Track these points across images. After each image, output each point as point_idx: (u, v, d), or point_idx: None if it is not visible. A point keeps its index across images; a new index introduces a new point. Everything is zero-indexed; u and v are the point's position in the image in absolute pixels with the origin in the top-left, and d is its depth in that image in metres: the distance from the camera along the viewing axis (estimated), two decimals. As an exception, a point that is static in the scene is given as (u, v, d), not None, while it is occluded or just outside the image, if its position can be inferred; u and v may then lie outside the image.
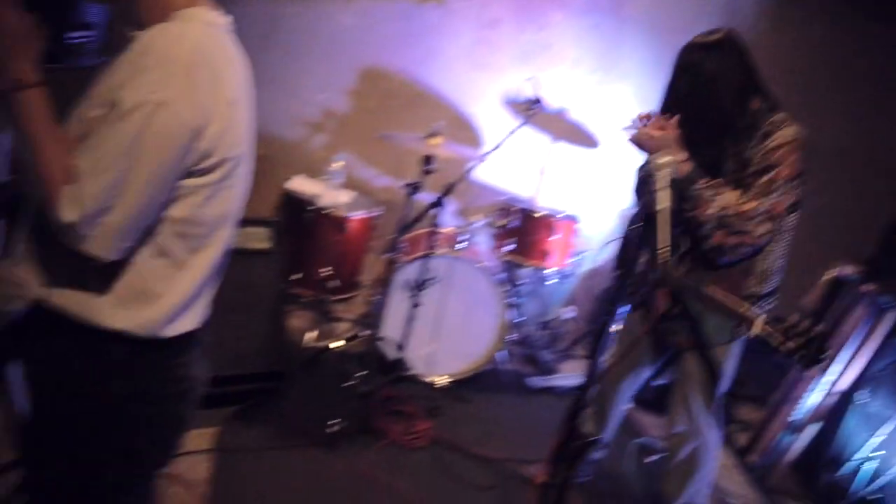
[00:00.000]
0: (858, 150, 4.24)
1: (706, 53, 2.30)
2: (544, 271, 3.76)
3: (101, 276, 1.26)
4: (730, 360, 2.57)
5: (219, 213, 1.34)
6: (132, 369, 1.32)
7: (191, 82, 1.18)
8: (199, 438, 2.77)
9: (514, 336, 3.98)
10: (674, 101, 2.37)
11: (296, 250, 3.43)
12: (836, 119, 4.09)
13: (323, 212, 3.39)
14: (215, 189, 1.30)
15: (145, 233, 1.26)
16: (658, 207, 1.51)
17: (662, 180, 1.54)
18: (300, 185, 3.56)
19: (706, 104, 2.29)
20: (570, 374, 4.00)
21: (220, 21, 1.33)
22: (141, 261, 1.28)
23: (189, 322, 1.38)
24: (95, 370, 1.30)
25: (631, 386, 2.88)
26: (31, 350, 1.34)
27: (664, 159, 1.55)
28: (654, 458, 3.25)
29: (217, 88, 1.24)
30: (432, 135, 3.15)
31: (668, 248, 1.47)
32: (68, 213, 1.16)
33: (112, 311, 1.27)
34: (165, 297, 1.31)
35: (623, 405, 2.93)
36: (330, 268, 3.44)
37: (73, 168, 1.17)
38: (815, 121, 2.58)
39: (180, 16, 1.27)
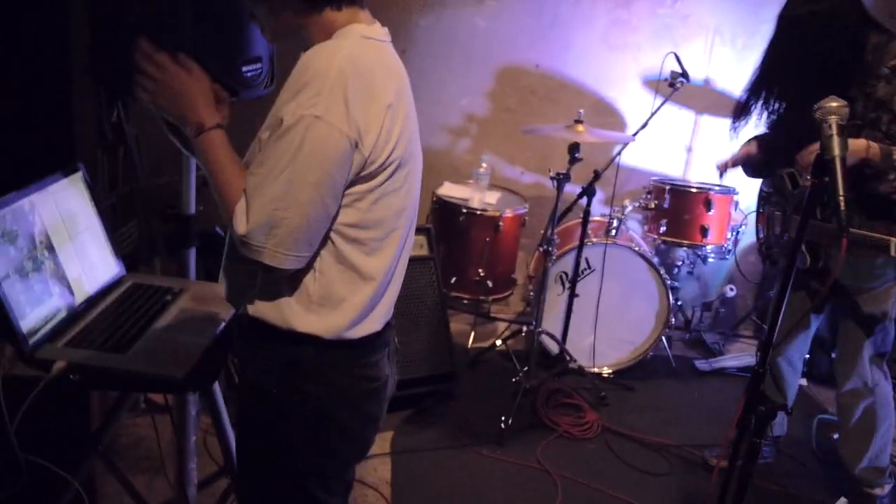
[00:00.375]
0: None
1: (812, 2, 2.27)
2: (702, 249, 3.65)
3: (290, 284, 1.35)
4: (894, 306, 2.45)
5: (388, 216, 1.38)
6: (324, 370, 1.40)
7: (344, 93, 1.23)
8: (378, 442, 2.91)
9: (677, 319, 3.89)
10: (782, 61, 2.30)
11: (450, 254, 3.53)
12: None
13: (474, 214, 3.47)
14: (381, 193, 1.34)
15: (323, 241, 1.33)
16: (832, 154, 1.47)
17: (833, 127, 1.49)
18: (449, 190, 3.66)
19: (824, 50, 2.27)
20: (738, 355, 3.87)
21: (376, 33, 1.38)
22: (322, 268, 1.35)
23: (374, 323, 1.44)
24: (291, 373, 1.39)
25: (799, 352, 2.80)
26: (236, 357, 1.48)
27: (834, 104, 1.50)
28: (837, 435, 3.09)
29: (372, 97, 1.27)
30: (577, 122, 3.14)
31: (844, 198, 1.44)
32: (240, 226, 1.27)
33: (302, 316, 1.36)
34: (348, 300, 1.38)
35: (797, 376, 2.83)
36: (484, 269, 3.52)
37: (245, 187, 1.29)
38: None
39: (340, 34, 1.33)
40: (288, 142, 1.23)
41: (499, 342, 3.60)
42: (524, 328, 3.55)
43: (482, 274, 3.52)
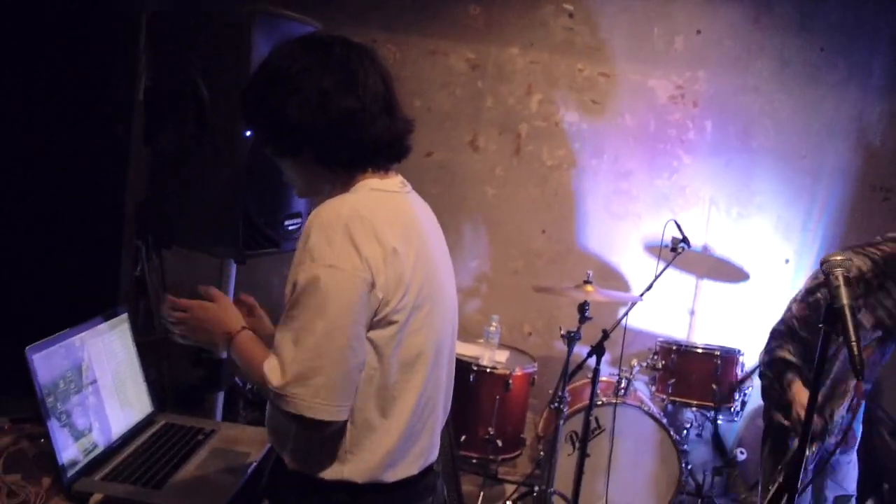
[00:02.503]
0: None
1: None
2: (710, 411, 3.66)
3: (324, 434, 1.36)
4: None
5: (412, 357, 1.41)
6: None
7: (352, 239, 1.29)
8: None
9: (688, 484, 3.83)
10: None
11: (460, 413, 3.53)
12: None
13: (484, 371, 3.51)
14: (401, 336, 1.37)
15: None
16: (841, 303, 1.57)
17: (840, 278, 1.60)
18: (460, 348, 3.72)
19: None
20: (754, 521, 3.78)
21: (388, 186, 1.46)
22: (351, 416, 1.37)
23: (410, 467, 1.45)
24: None
25: None
26: (270, 500, 1.49)
27: (838, 257, 1.62)
28: None
29: (377, 241, 1.32)
30: (586, 283, 3.27)
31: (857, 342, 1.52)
32: (275, 378, 1.30)
33: (336, 465, 1.37)
34: (378, 444, 1.39)
35: None
36: (494, 428, 3.52)
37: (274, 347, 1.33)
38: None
39: (353, 189, 1.42)
40: (310, 296, 1.28)
41: (509, 504, 3.53)
42: (535, 489, 3.49)
43: (491, 433, 3.51)
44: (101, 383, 1.67)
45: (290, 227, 1.88)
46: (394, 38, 3.90)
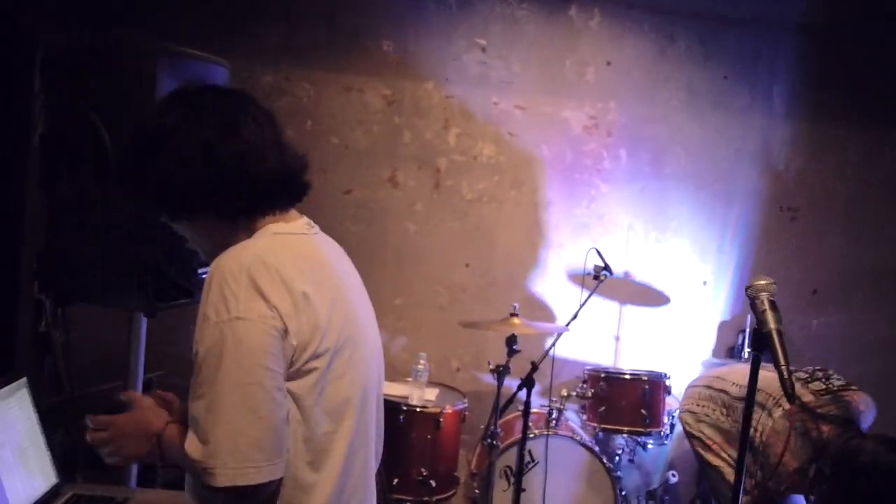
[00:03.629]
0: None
1: None
2: (641, 436, 3.67)
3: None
4: None
5: (338, 405, 1.34)
6: None
7: (257, 287, 1.22)
8: None
9: (624, 510, 3.82)
10: None
11: (392, 455, 3.43)
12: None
13: (414, 411, 3.44)
14: (323, 384, 1.30)
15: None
16: (769, 328, 1.58)
17: (765, 302, 1.61)
18: (388, 388, 3.63)
19: None
20: (689, 544, 3.79)
21: (293, 228, 1.39)
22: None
23: None
24: None
25: None
26: None
27: (762, 282, 1.64)
28: None
29: (286, 287, 1.25)
30: (512, 315, 3.25)
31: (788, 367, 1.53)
32: (195, 452, 1.20)
33: None
34: (313, 501, 1.31)
35: None
36: (427, 468, 3.43)
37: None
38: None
39: (256, 235, 1.35)
40: (218, 355, 1.20)
41: (446, 546, 3.43)
42: (472, 529, 3.42)
43: (425, 473, 3.42)
44: (-2, 455, 1.53)
45: (204, 276, 1.77)
46: (308, 76, 3.85)
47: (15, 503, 1.55)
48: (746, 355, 3.99)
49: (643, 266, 4.11)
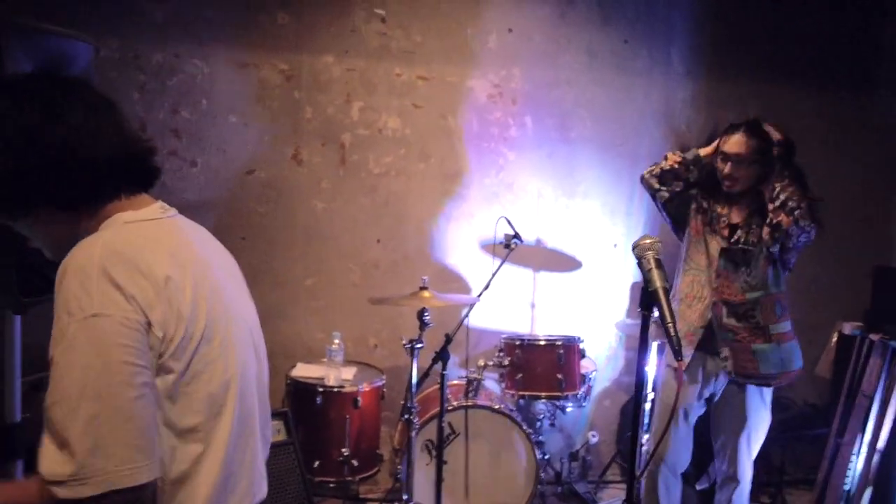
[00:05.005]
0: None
1: None
2: (559, 400, 3.72)
3: None
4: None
5: (213, 393, 1.28)
6: None
7: (112, 279, 1.16)
8: None
9: (546, 473, 3.88)
10: None
11: (311, 437, 3.39)
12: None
13: (331, 391, 3.39)
14: (195, 372, 1.25)
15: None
16: (655, 286, 1.59)
17: (651, 261, 1.62)
18: (303, 370, 3.57)
19: None
20: (611, 501, 3.88)
21: (146, 214, 1.32)
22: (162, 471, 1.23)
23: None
24: None
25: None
26: None
27: (648, 241, 1.64)
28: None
29: (142, 274, 1.19)
30: (422, 289, 3.22)
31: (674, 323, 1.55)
32: (63, 466, 1.10)
33: None
34: (194, 496, 1.27)
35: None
36: (348, 448, 3.40)
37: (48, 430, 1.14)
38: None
39: (103, 226, 1.28)
40: (78, 355, 1.12)
41: (371, 524, 3.42)
42: (396, 504, 3.41)
43: (346, 453, 3.39)
44: None
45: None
46: (199, 52, 3.69)
47: None
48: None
49: (554, 232, 4.14)
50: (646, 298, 1.60)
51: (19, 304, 1.59)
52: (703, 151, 3.14)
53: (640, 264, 1.63)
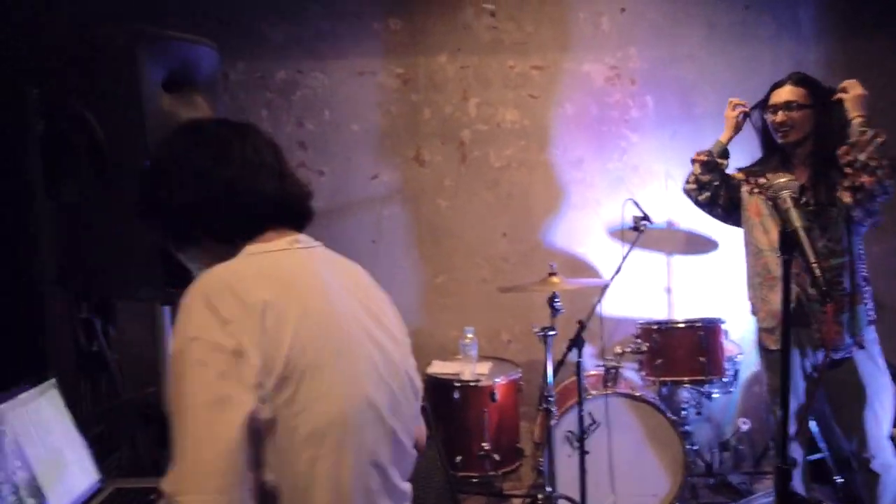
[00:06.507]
0: None
1: None
2: (704, 386, 3.55)
3: None
4: None
5: (319, 427, 1.22)
6: None
7: (209, 303, 1.19)
8: None
9: (696, 465, 3.71)
10: None
11: (451, 433, 3.40)
12: None
13: (468, 386, 3.39)
14: (298, 407, 1.20)
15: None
16: (794, 226, 1.48)
17: (788, 200, 1.51)
18: (439, 367, 3.60)
19: None
20: (769, 490, 3.65)
21: (273, 246, 1.34)
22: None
23: None
24: None
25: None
26: None
27: (782, 180, 1.53)
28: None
29: (241, 302, 1.19)
30: (550, 275, 3.18)
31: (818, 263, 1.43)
32: (166, 483, 1.13)
33: None
34: None
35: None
36: (488, 442, 3.39)
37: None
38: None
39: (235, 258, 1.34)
40: (181, 375, 1.15)
41: (516, 518, 3.38)
42: (539, 496, 3.35)
43: (486, 448, 3.38)
44: (31, 455, 1.53)
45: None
46: (319, 66, 3.83)
47: (54, 500, 1.56)
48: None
49: (686, 213, 3.97)
50: (785, 240, 1.49)
51: (167, 296, 1.69)
52: (723, 137, 3.10)
53: (775, 205, 1.53)
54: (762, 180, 2.86)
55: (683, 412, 3.70)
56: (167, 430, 1.83)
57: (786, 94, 2.82)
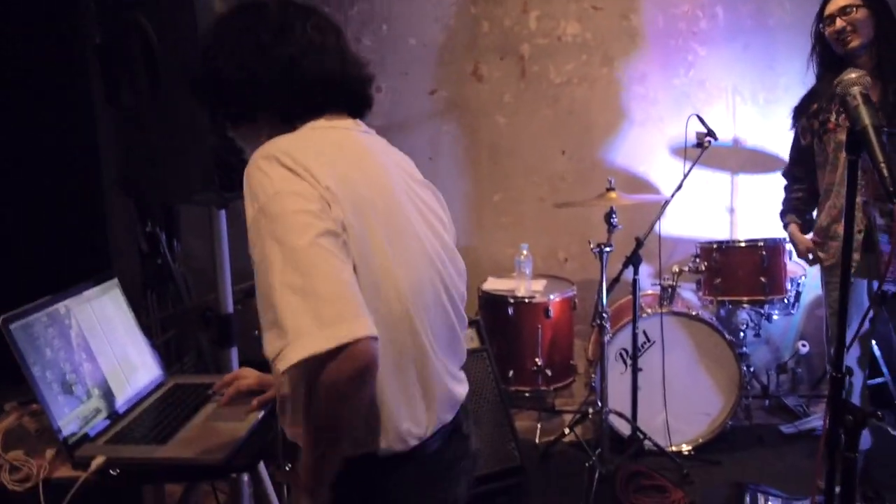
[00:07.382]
0: None
1: None
2: (764, 306, 3.48)
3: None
4: None
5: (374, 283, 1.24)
6: (382, 491, 1.30)
7: (284, 164, 1.20)
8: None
9: (752, 385, 3.69)
10: None
11: (504, 347, 3.45)
12: None
13: (522, 302, 3.42)
14: (364, 250, 1.23)
15: None
16: (864, 123, 1.40)
17: (858, 97, 1.43)
18: (494, 284, 3.63)
19: None
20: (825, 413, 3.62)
21: (336, 124, 1.36)
22: None
23: (413, 426, 1.31)
24: (357, 498, 1.30)
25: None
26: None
27: (853, 75, 1.45)
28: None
29: (310, 168, 1.21)
30: (608, 190, 3.14)
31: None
32: (269, 347, 1.13)
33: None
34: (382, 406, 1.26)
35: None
36: (541, 358, 3.43)
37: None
38: None
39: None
40: (269, 236, 1.15)
41: (567, 430, 3.44)
42: (590, 411, 3.40)
43: (539, 363, 3.42)
44: (96, 349, 1.63)
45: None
46: (378, -21, 3.77)
47: (118, 392, 1.66)
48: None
49: (753, 131, 3.84)
50: (853, 140, 1.41)
51: (222, 199, 1.74)
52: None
53: (843, 103, 1.44)
54: (832, 116, 2.73)
55: (741, 333, 3.66)
56: (227, 331, 1.91)
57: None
